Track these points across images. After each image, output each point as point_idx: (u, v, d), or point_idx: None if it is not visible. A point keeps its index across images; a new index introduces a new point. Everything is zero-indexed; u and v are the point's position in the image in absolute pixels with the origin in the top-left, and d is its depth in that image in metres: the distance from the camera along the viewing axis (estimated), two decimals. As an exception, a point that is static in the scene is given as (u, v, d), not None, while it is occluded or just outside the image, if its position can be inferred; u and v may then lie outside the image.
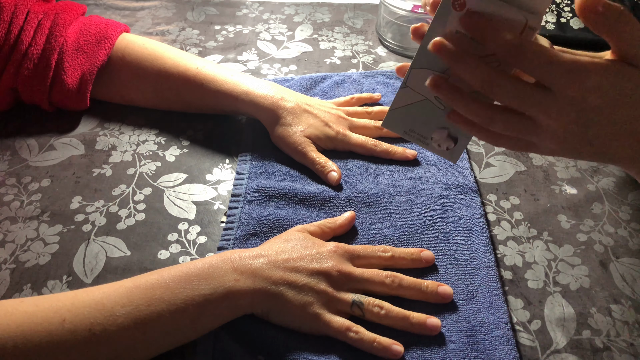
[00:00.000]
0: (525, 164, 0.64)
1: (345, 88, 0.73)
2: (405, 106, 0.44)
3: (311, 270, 0.47)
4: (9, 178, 0.61)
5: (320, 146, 0.63)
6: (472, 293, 0.50)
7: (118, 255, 0.54)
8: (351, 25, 0.89)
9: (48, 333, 0.39)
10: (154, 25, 0.88)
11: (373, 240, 0.55)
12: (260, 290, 0.45)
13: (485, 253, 0.53)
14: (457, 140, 0.44)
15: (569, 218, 0.58)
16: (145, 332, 0.41)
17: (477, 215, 0.57)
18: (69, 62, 0.65)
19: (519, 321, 0.49)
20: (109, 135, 0.67)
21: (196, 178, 0.62)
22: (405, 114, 0.44)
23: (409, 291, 0.49)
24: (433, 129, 0.44)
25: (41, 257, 0.53)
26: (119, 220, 0.57)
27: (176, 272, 0.45)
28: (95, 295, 0.42)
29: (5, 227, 0.56)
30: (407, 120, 0.44)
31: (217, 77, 0.64)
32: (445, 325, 0.47)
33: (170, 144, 0.66)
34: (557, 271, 0.53)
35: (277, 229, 0.55)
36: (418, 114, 0.44)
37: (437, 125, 0.44)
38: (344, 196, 0.59)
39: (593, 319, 0.49)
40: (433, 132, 0.44)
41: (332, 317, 0.46)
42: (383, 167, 0.63)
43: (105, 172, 0.62)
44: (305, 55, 0.82)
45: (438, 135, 0.44)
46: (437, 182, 0.61)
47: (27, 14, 0.64)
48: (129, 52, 0.67)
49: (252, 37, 0.85)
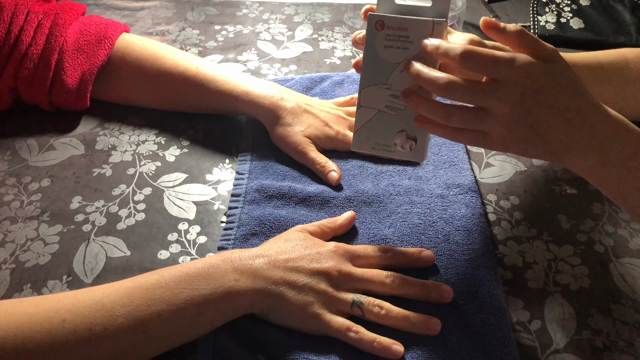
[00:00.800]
0: (525, 164, 0.64)
1: (345, 88, 0.73)
2: (365, 124, 0.50)
3: (311, 270, 0.47)
4: (9, 178, 0.61)
5: (320, 146, 0.63)
6: (472, 293, 0.50)
7: (118, 255, 0.54)
8: (351, 25, 0.89)
9: (48, 333, 0.39)
10: (154, 25, 0.88)
11: (373, 240, 0.55)
12: (260, 290, 0.45)
13: (485, 253, 0.53)
14: (416, 140, 0.49)
15: (569, 218, 0.58)
16: (145, 332, 0.41)
17: (477, 215, 0.57)
18: (69, 62, 0.65)
19: (519, 321, 0.49)
20: (109, 135, 0.67)
21: (196, 178, 0.62)
22: (368, 131, 0.50)
23: (409, 291, 0.49)
24: (393, 134, 0.49)
25: (41, 257, 0.53)
26: (119, 220, 0.57)
27: (176, 272, 0.45)
28: (95, 295, 0.42)
29: (5, 227, 0.56)
30: (370, 136, 0.50)
31: (217, 77, 0.64)
32: (445, 325, 0.47)
33: (170, 144, 0.66)
34: (557, 271, 0.53)
35: (277, 229, 0.55)
36: (377, 127, 0.50)
37: (395, 130, 0.49)
38: (344, 196, 0.59)
39: (593, 319, 0.49)
40: (394, 137, 0.49)
41: (332, 317, 0.46)
42: (383, 167, 0.63)
43: (105, 172, 0.62)
44: (305, 55, 0.82)
45: (399, 139, 0.49)
46: (437, 182, 0.61)
47: (27, 14, 0.64)
48: (129, 52, 0.67)
49: (252, 37, 0.85)
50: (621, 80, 0.59)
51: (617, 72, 0.58)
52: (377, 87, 0.48)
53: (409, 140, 0.49)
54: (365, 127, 0.50)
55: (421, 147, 0.49)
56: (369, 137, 0.50)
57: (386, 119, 0.49)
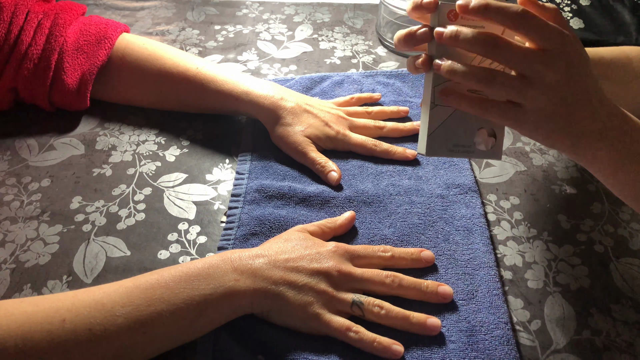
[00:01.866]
0: (525, 164, 0.64)
1: (345, 88, 0.73)
2: (440, 125, 0.46)
3: (311, 270, 0.47)
4: (9, 178, 0.61)
5: (320, 146, 0.63)
6: (472, 293, 0.50)
7: (118, 255, 0.54)
8: (351, 25, 0.89)
9: (48, 333, 0.39)
10: (154, 25, 0.88)
11: (373, 240, 0.55)
12: (260, 290, 0.45)
13: (485, 253, 0.53)
14: (496, 136, 0.46)
15: (569, 218, 0.58)
16: (145, 332, 0.41)
17: (477, 215, 0.57)
18: (69, 62, 0.65)
19: (519, 321, 0.49)
20: (109, 135, 0.67)
21: (196, 178, 0.62)
22: (444, 132, 0.46)
23: (409, 291, 0.49)
24: (473, 132, 0.46)
25: (41, 257, 0.53)
26: (119, 220, 0.57)
27: (176, 272, 0.45)
28: (95, 295, 0.42)
29: (5, 227, 0.56)
30: (447, 138, 0.46)
31: (217, 77, 0.64)
32: (445, 325, 0.47)
33: (170, 144, 0.66)
34: (557, 271, 0.53)
35: (277, 229, 0.55)
36: (455, 127, 0.46)
37: (475, 128, 0.46)
38: (344, 196, 0.59)
39: (593, 319, 0.49)
40: (474, 136, 0.46)
41: (332, 317, 0.46)
42: (383, 167, 0.63)
43: (105, 172, 0.62)
44: (305, 55, 0.82)
45: (480, 137, 0.46)
46: (437, 182, 0.61)
47: (27, 14, 0.64)
48: (129, 52, 0.67)
49: (252, 37, 0.85)
50: (623, 77, 0.59)
51: (619, 68, 0.58)
52: (453, 83, 0.44)
53: (490, 138, 0.46)
54: (441, 129, 0.46)
55: (500, 143, 0.46)
56: (446, 139, 0.46)
57: (464, 116, 0.46)
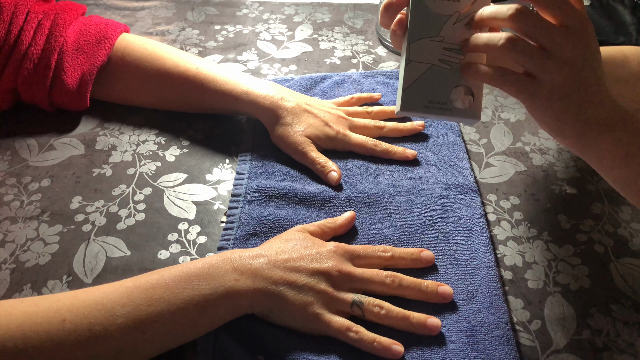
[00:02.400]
0: (525, 164, 0.64)
1: (345, 88, 0.73)
2: (416, 80, 0.46)
3: (311, 270, 0.47)
4: (9, 178, 0.61)
5: (320, 146, 0.63)
6: (472, 293, 0.50)
7: (118, 255, 0.54)
8: (351, 25, 0.89)
9: (48, 333, 0.39)
10: (154, 25, 0.88)
11: (373, 240, 0.55)
12: (260, 290, 0.45)
13: (485, 253, 0.53)
14: (473, 95, 0.46)
15: (569, 218, 0.58)
16: (145, 332, 0.41)
17: (477, 215, 0.57)
18: (69, 62, 0.65)
19: (519, 321, 0.49)
20: (109, 135, 0.67)
21: (196, 178, 0.62)
22: (419, 88, 0.46)
23: (409, 291, 0.49)
24: (449, 90, 0.46)
25: (41, 257, 0.53)
26: (119, 220, 0.57)
27: (176, 272, 0.45)
28: (95, 295, 0.42)
29: (5, 227, 0.56)
30: (422, 94, 0.46)
31: (217, 77, 0.64)
32: (445, 325, 0.47)
33: (170, 144, 0.66)
34: (557, 271, 0.53)
35: (277, 229, 0.55)
36: (431, 82, 0.46)
37: (451, 85, 0.46)
38: (344, 196, 0.59)
39: (593, 319, 0.49)
40: (450, 93, 0.46)
41: (332, 317, 0.46)
42: (383, 167, 0.63)
43: (105, 172, 0.62)
44: (305, 55, 0.82)
45: (456, 94, 0.46)
46: (437, 182, 0.61)
47: (27, 14, 0.64)
48: (128, 52, 0.67)
49: (252, 37, 0.85)
50: (620, 76, 0.59)
51: (616, 67, 0.58)
52: (429, 40, 0.45)
53: (467, 96, 0.46)
54: (417, 84, 0.46)
55: (478, 102, 0.46)
56: (421, 95, 0.46)
57: (440, 73, 0.46)
